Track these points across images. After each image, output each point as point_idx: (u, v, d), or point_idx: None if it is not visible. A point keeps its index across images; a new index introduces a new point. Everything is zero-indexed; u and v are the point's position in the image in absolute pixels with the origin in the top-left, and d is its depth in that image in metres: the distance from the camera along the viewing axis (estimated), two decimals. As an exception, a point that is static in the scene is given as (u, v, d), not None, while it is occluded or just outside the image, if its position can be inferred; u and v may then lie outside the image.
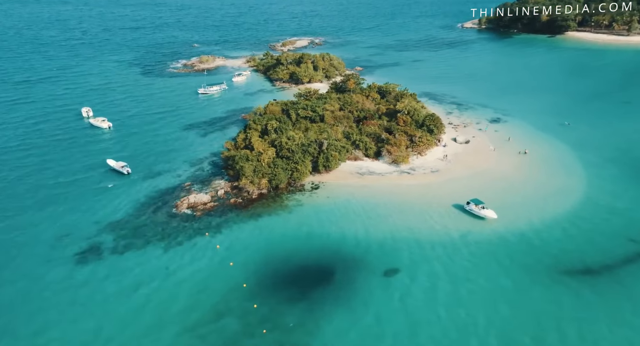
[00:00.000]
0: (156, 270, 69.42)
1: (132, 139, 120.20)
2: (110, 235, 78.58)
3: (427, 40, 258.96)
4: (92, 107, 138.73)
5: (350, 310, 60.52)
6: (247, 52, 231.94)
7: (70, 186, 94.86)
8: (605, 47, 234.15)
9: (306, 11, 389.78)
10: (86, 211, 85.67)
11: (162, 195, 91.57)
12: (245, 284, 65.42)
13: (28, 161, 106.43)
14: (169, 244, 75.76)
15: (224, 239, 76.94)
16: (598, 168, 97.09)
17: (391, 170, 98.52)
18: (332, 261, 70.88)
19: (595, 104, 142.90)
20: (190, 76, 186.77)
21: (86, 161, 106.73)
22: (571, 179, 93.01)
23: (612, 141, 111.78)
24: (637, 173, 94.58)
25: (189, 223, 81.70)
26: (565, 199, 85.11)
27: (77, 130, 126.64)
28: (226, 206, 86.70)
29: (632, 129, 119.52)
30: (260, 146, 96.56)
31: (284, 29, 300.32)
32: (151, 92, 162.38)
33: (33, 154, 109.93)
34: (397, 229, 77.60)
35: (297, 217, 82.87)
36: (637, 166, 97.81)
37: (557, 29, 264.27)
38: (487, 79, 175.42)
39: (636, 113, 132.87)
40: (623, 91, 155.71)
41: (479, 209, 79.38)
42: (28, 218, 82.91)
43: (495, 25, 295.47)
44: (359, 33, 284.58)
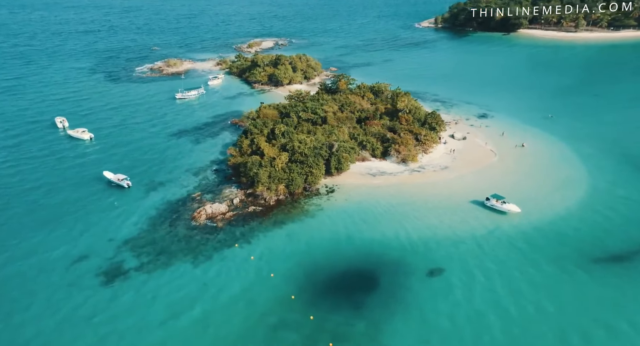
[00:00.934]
0: (194, 288, 65.66)
1: (120, 150, 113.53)
2: (131, 253, 73.70)
3: (391, 40, 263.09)
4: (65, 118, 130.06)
5: (410, 312, 59.87)
6: (212, 55, 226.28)
7: (71, 204, 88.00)
8: (559, 43, 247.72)
9: (263, 12, 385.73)
10: (96, 230, 79.88)
11: (173, 207, 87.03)
12: (294, 296, 63.14)
13: (17, 180, 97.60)
14: (198, 259, 72.04)
15: (255, 249, 74.10)
16: (594, 159, 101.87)
17: (401, 169, 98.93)
18: (371, 264, 69.98)
19: (569, 97, 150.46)
20: (161, 81, 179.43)
21: (79, 176, 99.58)
22: (573, 170, 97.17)
23: (597, 131, 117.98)
24: (632, 162, 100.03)
25: (212, 234, 78.11)
26: (575, 190, 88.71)
27: (57, 143, 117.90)
28: (246, 215, 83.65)
29: (611, 120, 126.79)
30: (270, 151, 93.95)
31: (246, 31, 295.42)
32: (125, 99, 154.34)
33: (20, 172, 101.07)
34: (425, 228, 77.69)
35: (321, 222, 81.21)
36: (629, 155, 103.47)
37: (510, 27, 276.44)
38: (461, 76, 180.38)
39: (608, 105, 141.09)
40: (589, 85, 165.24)
41: (501, 204, 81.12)
42: (35, 243, 75.87)
43: (451, 24, 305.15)
44: (323, 34, 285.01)
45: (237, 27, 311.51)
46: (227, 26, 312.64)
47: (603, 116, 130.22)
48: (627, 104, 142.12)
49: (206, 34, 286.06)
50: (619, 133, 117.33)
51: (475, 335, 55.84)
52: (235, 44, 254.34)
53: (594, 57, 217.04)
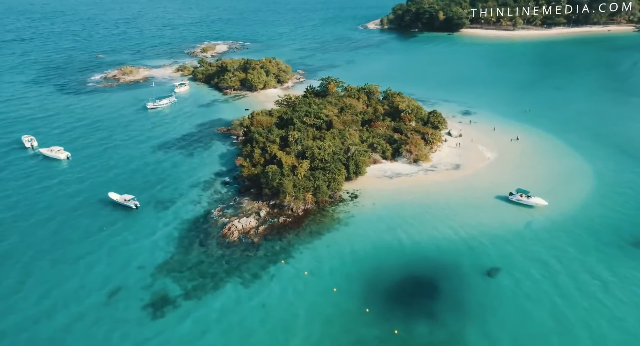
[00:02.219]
0: (253, 311, 61.41)
1: (106, 168, 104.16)
2: (170, 279, 67.70)
3: (345, 42, 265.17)
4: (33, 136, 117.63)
5: (487, 315, 59.65)
6: (166, 61, 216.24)
7: (80, 231, 79.31)
8: (500, 41, 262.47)
9: (205, 16, 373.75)
10: (119, 257, 72.60)
11: (195, 225, 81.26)
12: (368, 309, 60.87)
13: (10, 212, 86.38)
14: (247, 279, 67.60)
15: (302, 264, 70.76)
16: (586, 147, 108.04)
17: (415, 170, 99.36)
18: (423, 269, 69.00)
19: (534, 91, 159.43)
20: (122, 90, 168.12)
21: (75, 201, 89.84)
22: (572, 160, 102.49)
23: (576, 122, 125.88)
24: (619, 148, 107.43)
25: (251, 251, 73.71)
26: (584, 179, 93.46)
27: (31, 165, 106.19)
28: (279, 228, 79.85)
29: (583, 110, 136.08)
30: (288, 159, 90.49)
31: (194, 35, 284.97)
32: (92, 112, 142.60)
33: (7, 202, 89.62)
34: (461, 228, 77.96)
35: (357, 230, 79.15)
36: (614, 141, 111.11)
37: (454, 26, 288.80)
38: (428, 75, 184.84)
39: (573, 97, 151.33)
40: (547, 79, 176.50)
41: (526, 198, 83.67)
42: (58, 280, 67.43)
43: (397, 25, 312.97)
44: (276, 37, 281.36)
45: (183, 31, 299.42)
46: (173, 31, 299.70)
47: (574, 107, 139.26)
48: (589, 95, 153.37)
49: (152, 39, 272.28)
50: (595, 122, 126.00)
51: (561, 330, 56.71)
52: (186, 49, 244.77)
53: (540, 53, 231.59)
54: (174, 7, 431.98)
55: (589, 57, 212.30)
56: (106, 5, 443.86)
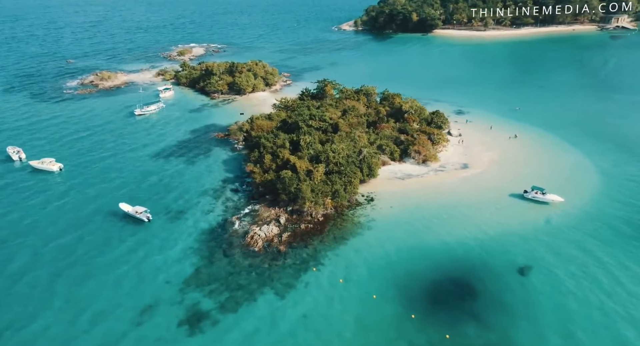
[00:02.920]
0: (296, 322, 59.79)
1: (104, 179, 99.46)
2: (200, 293, 65.16)
3: (323, 43, 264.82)
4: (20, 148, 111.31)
5: (531, 313, 60.11)
6: (143, 65, 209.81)
7: (95, 247, 75.31)
8: (472, 41, 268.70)
9: (175, 18, 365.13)
10: (143, 273, 69.34)
11: (215, 236, 78.68)
12: (414, 315, 60.21)
13: (13, 229, 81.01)
14: (279, 289, 65.83)
15: (334, 270, 69.50)
16: (582, 143, 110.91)
17: (425, 170, 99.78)
18: (455, 270, 68.83)
19: (519, 90, 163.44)
20: (104, 96, 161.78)
21: (80, 214, 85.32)
22: (573, 156, 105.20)
23: (566, 118, 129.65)
24: (614, 142, 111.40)
25: (279, 260, 71.89)
26: (590, 173, 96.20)
27: (23, 178, 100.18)
28: (302, 234, 78.24)
29: (569, 107, 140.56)
30: (302, 164, 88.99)
31: (167, 38, 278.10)
32: (75, 120, 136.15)
33: (8, 219, 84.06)
34: (484, 227, 78.54)
35: (381, 234, 78.26)
36: (607, 136, 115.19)
37: (427, 27, 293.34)
38: (413, 76, 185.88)
39: (557, 94, 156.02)
40: (528, 77, 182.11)
41: (542, 195, 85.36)
42: (85, 300, 63.60)
43: (371, 26, 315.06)
44: (254, 39, 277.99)
45: (155, 34, 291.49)
46: (145, 34, 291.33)
47: (560, 105, 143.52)
48: (571, 93, 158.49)
49: (124, 42, 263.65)
50: (583, 118, 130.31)
51: (610, 323, 57.72)
52: (162, 52, 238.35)
53: (515, 52, 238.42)
54: (141, 9, 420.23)
55: (562, 56, 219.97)
56: (67, 8, 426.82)
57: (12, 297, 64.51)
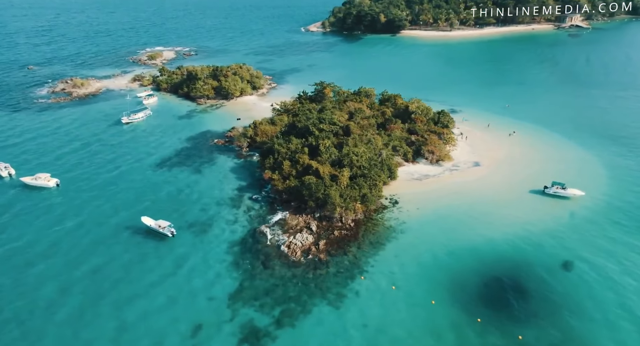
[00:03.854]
0: (359, 333, 58.31)
1: (109, 194, 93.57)
2: (250, 309, 62.42)
3: (296, 45, 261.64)
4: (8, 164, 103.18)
5: (588, 307, 61.15)
6: (113, 70, 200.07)
7: (122, 267, 70.70)
8: (439, 41, 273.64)
9: (133, 21, 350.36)
10: (181, 292, 65.64)
11: (248, 247, 75.77)
12: (480, 319, 59.88)
13: (23, 255, 74.38)
14: (332, 300, 64.05)
15: (382, 277, 68.34)
16: (578, 137, 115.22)
17: (440, 170, 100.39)
18: (500, 270, 68.81)
19: (501, 87, 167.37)
20: (82, 105, 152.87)
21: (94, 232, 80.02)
22: (575, 150, 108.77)
23: (556, 114, 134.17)
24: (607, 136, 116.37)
25: (322, 269, 70.00)
26: (597, 167, 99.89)
27: (18, 197, 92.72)
28: (338, 241, 76.61)
29: (555, 103, 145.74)
30: (325, 168, 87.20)
31: (132, 42, 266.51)
32: (59, 131, 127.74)
33: (16, 246, 77.20)
34: (515, 225, 79.19)
35: (416, 237, 77.53)
36: (599, 130, 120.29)
37: (395, 28, 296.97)
38: (394, 76, 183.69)
39: (539, 90, 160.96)
40: (507, 75, 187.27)
41: (563, 190, 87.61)
42: (128, 325, 59.39)
43: (339, 27, 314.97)
44: (226, 42, 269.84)
45: (118, 37, 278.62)
46: (107, 37, 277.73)
47: (544, 101, 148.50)
48: (550, 89, 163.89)
49: (87, 47, 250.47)
50: (570, 113, 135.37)
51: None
52: (130, 56, 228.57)
53: (485, 51, 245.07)
54: (95, 12, 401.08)
55: (531, 54, 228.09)
56: (13, 11, 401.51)
57: (57, 328, 59.20)
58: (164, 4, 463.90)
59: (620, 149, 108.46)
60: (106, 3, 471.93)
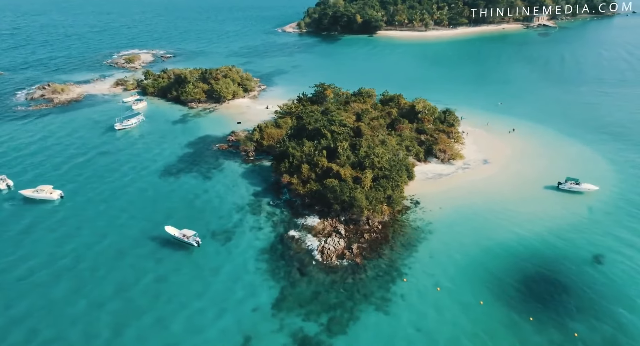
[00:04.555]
0: (415, 338, 57.79)
1: (120, 205, 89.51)
2: (296, 317, 61.09)
3: (275, 46, 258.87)
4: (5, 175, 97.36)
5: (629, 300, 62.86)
6: (90, 74, 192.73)
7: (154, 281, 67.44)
8: (416, 41, 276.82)
9: (103, 23, 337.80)
10: (222, 304, 63.55)
11: (277, 254, 74.13)
12: (532, 318, 60.23)
13: (42, 272, 70.06)
14: (378, 305, 63.30)
15: (422, 279, 68.04)
16: (577, 134, 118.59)
17: (452, 169, 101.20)
18: (535, 267, 69.34)
19: (488, 86, 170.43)
20: (65, 112, 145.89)
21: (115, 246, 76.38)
22: (575, 146, 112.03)
23: (547, 111, 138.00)
24: (604, 131, 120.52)
25: (361, 273, 69.21)
26: (602, 162, 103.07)
27: (21, 210, 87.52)
28: (370, 244, 75.86)
29: (544, 100, 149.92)
30: (346, 171, 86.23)
31: (105, 44, 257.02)
32: (49, 140, 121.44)
33: (33, 264, 72.68)
34: (538, 221, 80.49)
35: (445, 236, 77.68)
36: (595, 125, 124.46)
37: (371, 29, 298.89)
38: (380, 76, 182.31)
39: (524, 89, 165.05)
40: (490, 74, 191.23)
41: (577, 185, 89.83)
42: (174, 342, 56.51)
43: (315, 28, 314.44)
44: (205, 44, 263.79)
45: (89, 40, 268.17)
46: (78, 41, 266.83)
47: (533, 98, 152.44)
48: (534, 87, 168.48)
49: (59, 51, 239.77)
50: (560, 110, 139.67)
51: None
52: (105, 60, 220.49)
53: (463, 50, 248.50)
54: (59, 14, 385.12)
55: (508, 53, 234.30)
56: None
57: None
58: (130, 6, 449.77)
59: (619, 144, 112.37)
60: (67, 5, 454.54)
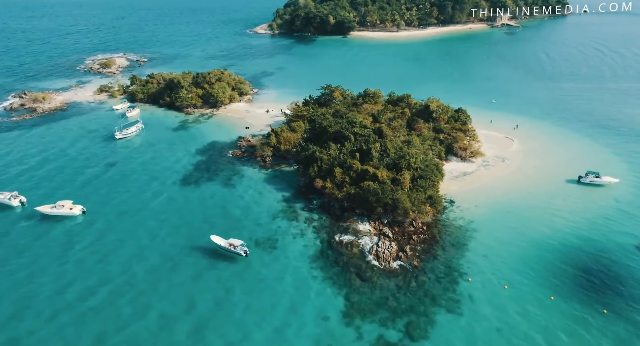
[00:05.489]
0: (497, 338, 57.97)
1: (151, 217, 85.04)
2: (371, 324, 60.40)
3: (252, 49, 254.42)
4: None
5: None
6: (65, 81, 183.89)
7: (213, 296, 64.40)
8: (388, 41, 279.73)
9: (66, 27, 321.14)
10: (293, 315, 61.47)
11: (331, 260, 72.94)
12: (606, 310, 61.84)
13: (95, 297, 65.33)
14: (450, 307, 63.22)
15: (485, 277, 68.44)
16: (579, 129, 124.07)
17: (474, 167, 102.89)
18: (585, 258, 71.72)
19: (473, 83, 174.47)
20: (52, 122, 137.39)
21: (156, 258, 72.82)
22: (582, 140, 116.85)
23: (541, 107, 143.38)
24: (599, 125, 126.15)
25: (422, 275, 69.06)
26: (609, 154, 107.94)
27: (42, 230, 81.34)
28: (422, 244, 75.79)
29: (533, 96, 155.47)
30: (383, 173, 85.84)
31: (73, 49, 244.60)
32: (47, 153, 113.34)
33: (80, 287, 67.67)
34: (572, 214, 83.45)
35: (490, 233, 78.52)
36: (591, 120, 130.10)
37: (345, 30, 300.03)
38: (365, 77, 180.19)
39: (509, 86, 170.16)
40: (472, 72, 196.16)
41: (597, 178, 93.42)
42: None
43: (287, 29, 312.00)
44: (179, 47, 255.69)
45: (55, 45, 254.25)
46: (43, 45, 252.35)
47: (521, 95, 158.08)
48: (518, 84, 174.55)
49: (26, 56, 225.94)
50: (552, 106, 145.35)
51: None
52: (77, 65, 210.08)
53: (438, 50, 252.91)
54: (11, 17, 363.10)
55: (482, 51, 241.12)
56: None
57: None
58: (83, 8, 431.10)
59: (621, 137, 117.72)
60: (16, 6, 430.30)
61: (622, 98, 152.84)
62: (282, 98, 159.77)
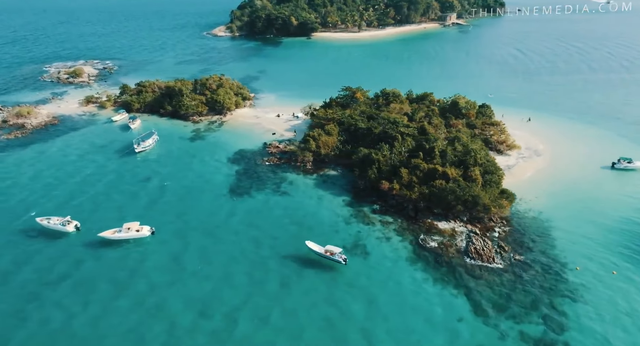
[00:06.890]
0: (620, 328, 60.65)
1: (229, 232, 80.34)
2: (507, 321, 61.03)
3: (221, 52, 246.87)
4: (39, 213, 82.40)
5: None
6: (37, 94, 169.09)
7: (339, 304, 61.78)
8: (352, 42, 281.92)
9: (12, 33, 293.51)
10: (424, 321, 60.79)
11: (430, 261, 72.74)
12: None
13: None
14: (574, 297, 64.62)
15: (590, 265, 70.70)
16: (586, 120, 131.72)
17: (513, 160, 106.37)
18: None
19: (460, 80, 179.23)
20: (51, 138, 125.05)
21: (258, 273, 68.32)
22: (595, 130, 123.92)
23: (539, 100, 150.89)
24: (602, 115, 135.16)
25: (527, 270, 70.47)
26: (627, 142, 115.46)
27: (121, 257, 74.11)
28: (509, 240, 77.28)
29: (526, 91, 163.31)
30: (452, 171, 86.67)
31: (26, 57, 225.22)
32: (80, 172, 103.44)
33: None
34: (621, 198, 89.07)
35: (565, 222, 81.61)
36: (593, 112, 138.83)
37: (307, 31, 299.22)
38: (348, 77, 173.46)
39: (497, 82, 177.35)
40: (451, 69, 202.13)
41: (630, 164, 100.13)
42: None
43: (248, 31, 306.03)
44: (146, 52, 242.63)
45: (4, 54, 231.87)
46: (3, 55, 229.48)
47: (515, 90, 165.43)
48: (502, 79, 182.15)
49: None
50: (547, 99, 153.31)
51: None
52: (40, 75, 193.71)
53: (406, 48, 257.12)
54: None
55: (449, 49, 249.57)
56: None
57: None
58: (24, 12, 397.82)
59: (623, 126, 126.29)
60: None
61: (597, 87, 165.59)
62: (282, 101, 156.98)
